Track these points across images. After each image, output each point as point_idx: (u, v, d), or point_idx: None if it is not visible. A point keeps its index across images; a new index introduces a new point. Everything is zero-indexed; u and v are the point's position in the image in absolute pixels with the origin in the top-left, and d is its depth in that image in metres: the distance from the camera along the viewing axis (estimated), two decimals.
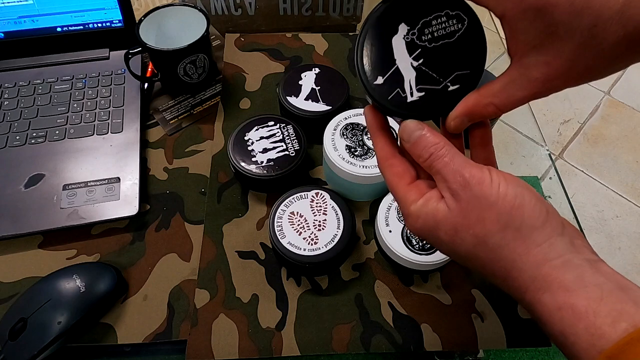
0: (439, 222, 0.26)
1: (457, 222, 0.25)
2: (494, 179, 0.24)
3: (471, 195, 0.24)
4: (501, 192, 0.24)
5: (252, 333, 0.41)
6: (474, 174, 0.25)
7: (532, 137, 0.60)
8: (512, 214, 0.24)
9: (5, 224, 0.45)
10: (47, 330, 0.38)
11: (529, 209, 0.24)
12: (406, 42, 0.28)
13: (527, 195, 0.24)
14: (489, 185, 0.24)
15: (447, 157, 0.26)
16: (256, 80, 0.60)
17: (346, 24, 0.70)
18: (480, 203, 0.24)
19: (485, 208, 0.24)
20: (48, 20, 0.57)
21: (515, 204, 0.24)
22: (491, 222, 0.24)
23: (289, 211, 0.44)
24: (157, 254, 0.46)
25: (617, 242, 1.26)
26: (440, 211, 0.26)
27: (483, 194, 0.24)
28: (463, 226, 0.25)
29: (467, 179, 0.24)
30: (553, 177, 0.57)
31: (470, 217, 0.24)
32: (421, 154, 0.27)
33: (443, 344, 0.41)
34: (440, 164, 0.26)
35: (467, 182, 0.24)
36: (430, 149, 0.26)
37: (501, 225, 0.24)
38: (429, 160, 0.26)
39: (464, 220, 0.25)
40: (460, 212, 0.25)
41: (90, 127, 0.53)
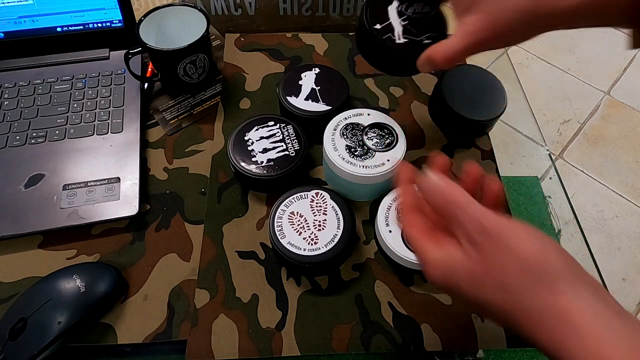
0: (458, 269, 0.26)
1: (477, 269, 0.25)
2: (512, 227, 0.24)
3: (490, 242, 0.24)
4: (522, 239, 0.24)
5: (252, 333, 0.41)
6: (492, 221, 0.25)
7: (532, 137, 0.60)
8: (536, 261, 0.23)
9: (5, 224, 0.45)
10: (47, 330, 0.38)
11: (554, 257, 0.24)
12: (397, 10, 0.43)
13: (549, 244, 0.24)
14: (509, 232, 0.24)
15: (464, 204, 0.26)
16: (256, 80, 0.60)
17: (346, 24, 0.70)
18: (500, 250, 0.24)
19: (506, 255, 0.24)
20: (48, 20, 0.57)
21: (539, 252, 0.24)
22: (514, 268, 0.24)
23: (289, 211, 0.44)
24: (157, 254, 0.46)
25: (617, 242, 1.26)
26: (458, 259, 0.26)
27: (503, 240, 0.24)
28: (484, 273, 0.25)
29: (486, 226, 0.25)
30: (553, 177, 0.57)
31: (491, 263, 0.24)
32: (437, 200, 0.28)
33: (443, 344, 0.41)
34: (456, 211, 0.26)
35: (485, 229, 0.25)
36: (447, 196, 0.27)
37: (525, 272, 0.23)
38: (445, 207, 0.27)
39: (485, 267, 0.25)
40: (480, 259, 0.25)
41: (90, 127, 0.53)
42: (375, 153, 0.45)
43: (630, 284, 1.18)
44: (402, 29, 0.42)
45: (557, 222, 0.53)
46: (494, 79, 0.54)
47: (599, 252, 1.25)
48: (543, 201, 0.54)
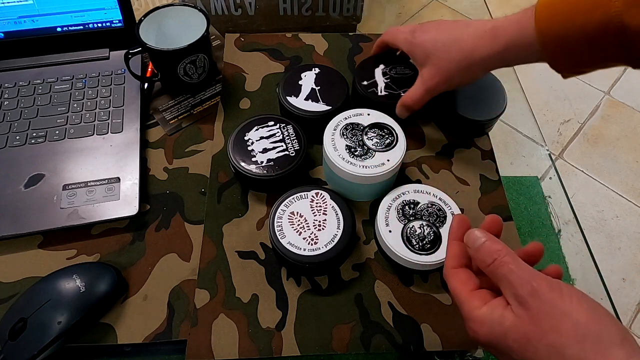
0: (507, 330, 0.26)
1: (529, 331, 0.25)
2: (564, 290, 0.25)
3: (541, 303, 0.24)
4: (574, 303, 0.24)
5: (252, 333, 0.41)
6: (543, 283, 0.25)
7: (532, 137, 0.61)
8: (589, 326, 0.23)
9: (5, 224, 0.45)
10: (47, 330, 0.38)
11: (607, 323, 0.24)
12: (382, 71, 0.55)
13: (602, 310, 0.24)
14: (560, 294, 0.24)
15: (513, 265, 0.26)
16: (256, 80, 0.60)
17: (346, 24, 0.70)
18: (552, 312, 0.24)
19: (559, 317, 0.24)
20: (48, 20, 0.57)
21: (595, 317, 0.24)
22: (567, 332, 0.24)
23: (289, 211, 0.44)
24: (157, 254, 0.46)
25: (617, 242, 1.26)
26: (507, 319, 0.26)
27: (555, 303, 0.24)
28: (536, 335, 0.24)
29: (536, 287, 0.25)
30: (553, 177, 0.57)
31: (543, 325, 0.24)
32: (484, 259, 0.28)
33: (443, 344, 0.41)
34: (505, 270, 0.26)
35: (536, 290, 0.25)
36: (494, 254, 0.28)
37: (579, 337, 0.23)
38: (493, 266, 0.27)
39: (537, 328, 0.24)
40: (531, 321, 0.25)
41: (90, 127, 0.53)
42: (375, 153, 0.45)
43: (630, 284, 1.18)
44: (384, 85, 0.54)
45: (557, 222, 0.53)
46: (494, 79, 0.54)
47: (599, 252, 1.25)
48: (543, 201, 0.54)
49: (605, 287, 0.47)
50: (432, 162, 0.53)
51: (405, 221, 0.43)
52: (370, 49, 0.64)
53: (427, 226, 0.43)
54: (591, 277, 0.48)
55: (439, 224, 0.43)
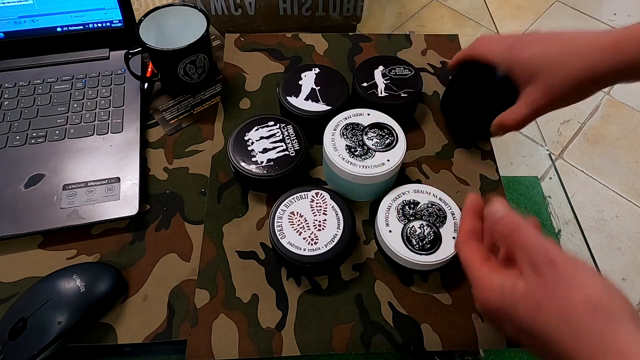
0: (519, 299, 0.26)
1: (541, 299, 0.25)
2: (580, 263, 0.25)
3: (556, 273, 0.25)
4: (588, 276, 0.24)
5: (252, 333, 0.41)
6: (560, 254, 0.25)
7: (532, 137, 0.61)
8: (602, 299, 0.24)
9: (5, 224, 0.45)
10: (47, 330, 0.38)
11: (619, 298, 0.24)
12: (381, 73, 0.56)
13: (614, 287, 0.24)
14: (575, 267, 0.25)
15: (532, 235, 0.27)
16: (256, 80, 0.60)
17: (346, 24, 0.70)
18: (567, 283, 0.24)
19: (572, 288, 0.24)
20: (48, 20, 0.57)
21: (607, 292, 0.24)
22: (579, 303, 0.24)
23: (289, 211, 0.44)
24: (157, 254, 0.46)
25: (617, 242, 1.26)
26: (519, 288, 0.26)
27: (570, 274, 0.24)
28: (548, 303, 0.25)
29: (553, 257, 0.25)
30: (553, 177, 0.57)
31: (556, 295, 0.24)
32: (504, 229, 0.29)
33: (443, 344, 0.41)
34: (523, 240, 0.27)
35: (553, 260, 0.25)
36: (513, 226, 0.28)
37: (591, 308, 0.24)
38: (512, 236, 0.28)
39: (549, 297, 0.25)
40: (544, 290, 0.25)
41: (90, 127, 0.53)
42: (375, 153, 0.45)
43: (630, 284, 1.18)
44: (384, 86, 0.54)
45: (557, 222, 0.53)
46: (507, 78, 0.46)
47: (599, 252, 1.25)
48: (543, 201, 0.54)
49: None
50: (432, 162, 0.53)
51: (405, 221, 0.43)
52: (370, 49, 0.64)
53: (427, 226, 0.43)
54: None
55: (439, 224, 0.43)
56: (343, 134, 0.47)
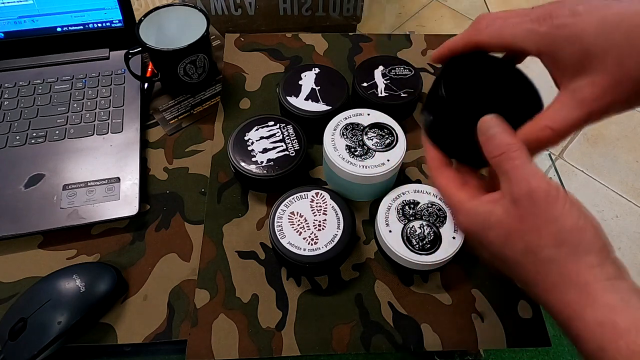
0: (493, 223, 0.26)
1: (513, 227, 0.25)
2: (560, 196, 0.25)
3: (532, 205, 0.25)
4: (566, 209, 0.24)
5: (252, 333, 0.41)
6: (541, 185, 0.25)
7: None
8: (572, 233, 0.24)
9: (5, 224, 0.45)
10: (47, 330, 0.38)
11: (590, 233, 0.24)
12: (381, 73, 0.55)
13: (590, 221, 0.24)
14: (555, 200, 0.24)
15: (518, 161, 0.26)
16: (256, 80, 0.60)
17: (346, 24, 0.70)
18: (541, 214, 0.24)
19: (546, 221, 0.24)
20: (48, 20, 0.57)
21: (579, 225, 0.24)
22: (547, 235, 0.24)
23: (289, 211, 0.44)
24: (157, 254, 0.46)
25: (617, 242, 1.26)
26: (495, 212, 0.26)
27: (547, 206, 0.24)
28: (518, 231, 0.25)
29: (534, 188, 0.25)
30: (553, 177, 0.57)
31: (528, 224, 0.25)
32: (493, 150, 0.27)
33: (443, 344, 0.41)
34: (509, 165, 0.26)
35: (532, 191, 0.25)
36: (503, 147, 0.26)
37: (557, 241, 0.24)
38: (499, 159, 0.27)
39: (521, 226, 0.25)
40: (518, 218, 0.25)
41: (90, 127, 0.53)
42: (375, 153, 0.45)
43: None
44: (384, 86, 0.54)
45: None
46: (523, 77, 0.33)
47: None
48: None
49: None
50: None
51: (405, 221, 0.43)
52: (370, 49, 0.64)
53: (427, 226, 0.43)
54: None
55: (439, 224, 0.43)
56: (343, 134, 0.47)
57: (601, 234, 0.25)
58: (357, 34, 0.67)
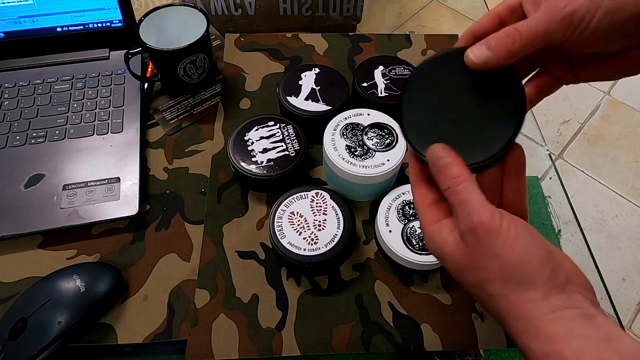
0: (447, 255, 0.27)
1: (462, 263, 0.26)
2: (502, 228, 0.25)
3: (476, 241, 0.25)
4: (508, 244, 0.24)
5: (252, 333, 0.41)
6: (482, 220, 0.25)
7: (532, 137, 0.60)
8: (514, 269, 0.24)
9: (5, 224, 0.45)
10: (47, 330, 0.38)
11: (533, 266, 0.24)
12: (381, 73, 0.55)
13: (533, 252, 0.25)
14: (497, 234, 0.25)
15: (463, 195, 0.26)
16: (256, 80, 0.60)
17: (346, 24, 0.70)
18: (484, 251, 0.25)
19: (489, 257, 0.25)
20: (48, 20, 0.57)
21: (520, 260, 0.24)
22: (493, 271, 0.25)
23: (289, 211, 0.44)
24: (157, 254, 0.46)
25: (617, 242, 1.26)
26: (448, 245, 0.27)
27: (489, 242, 0.25)
28: (467, 267, 0.26)
29: (476, 224, 0.25)
30: (553, 177, 0.57)
31: (474, 261, 0.25)
32: (441, 182, 0.28)
33: (443, 344, 0.41)
34: (455, 200, 0.26)
35: (474, 227, 0.25)
36: (450, 182, 0.27)
37: (503, 277, 0.25)
38: (447, 192, 0.27)
39: (469, 262, 0.26)
40: (465, 254, 0.26)
41: (90, 127, 0.53)
42: (375, 153, 0.45)
43: (630, 284, 1.18)
44: (384, 86, 0.53)
45: (557, 222, 0.52)
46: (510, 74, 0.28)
47: (599, 252, 1.25)
48: (543, 201, 0.54)
49: (605, 287, 0.47)
50: None
51: (405, 221, 0.43)
52: (370, 49, 0.64)
53: None
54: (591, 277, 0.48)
55: None
56: (343, 134, 0.47)
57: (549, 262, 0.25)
58: (357, 34, 0.67)
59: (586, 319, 0.23)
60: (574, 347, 0.22)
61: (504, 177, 0.31)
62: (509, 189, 0.31)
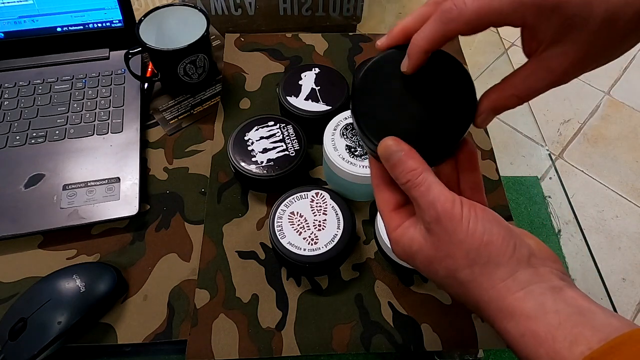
0: (415, 251, 0.27)
1: (430, 254, 0.26)
2: (464, 215, 0.25)
3: (442, 230, 0.25)
4: (470, 228, 0.25)
5: (252, 333, 0.41)
6: (446, 208, 0.25)
7: (532, 137, 0.61)
8: (479, 251, 0.25)
9: (5, 224, 0.45)
10: (47, 330, 0.38)
11: (496, 246, 0.25)
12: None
13: (495, 231, 0.25)
14: (459, 221, 0.25)
15: (424, 187, 0.26)
16: (256, 80, 0.60)
17: (346, 24, 0.70)
18: (450, 238, 0.25)
19: (455, 244, 0.25)
20: (48, 20, 0.57)
21: (483, 241, 0.25)
22: (460, 257, 0.25)
23: (289, 211, 0.44)
24: (157, 254, 0.46)
25: (617, 242, 1.26)
26: (415, 241, 0.27)
27: (453, 229, 0.25)
28: (435, 259, 0.26)
29: (440, 213, 0.25)
30: (553, 177, 0.57)
31: (442, 250, 0.26)
32: (399, 177, 0.28)
33: (443, 344, 0.41)
34: (416, 193, 0.27)
35: (439, 217, 0.25)
36: (408, 175, 0.27)
37: (469, 262, 0.25)
38: (406, 186, 0.27)
39: (436, 252, 0.26)
40: (432, 245, 0.26)
41: (90, 127, 0.53)
42: None
43: (630, 284, 1.18)
44: None
45: (557, 222, 0.53)
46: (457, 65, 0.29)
47: (599, 252, 1.25)
48: (543, 201, 0.54)
49: (605, 287, 0.47)
50: None
51: None
52: (370, 49, 0.64)
53: None
54: (591, 277, 0.48)
55: None
56: (343, 134, 0.47)
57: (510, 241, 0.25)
58: (357, 34, 0.67)
59: (555, 293, 0.24)
60: (548, 324, 0.23)
61: (460, 174, 0.31)
62: (467, 184, 0.31)
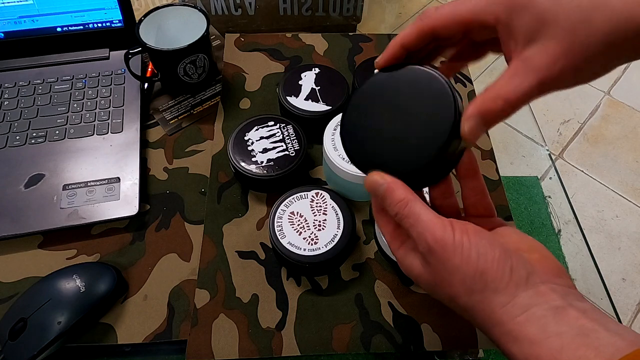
0: (417, 276, 0.28)
1: (430, 280, 0.27)
2: (456, 241, 0.25)
3: (436, 259, 0.26)
4: (464, 255, 0.25)
5: (252, 333, 0.41)
6: (436, 238, 0.25)
7: (532, 137, 0.61)
8: (475, 279, 0.25)
9: (5, 224, 0.45)
10: (47, 330, 0.38)
11: (492, 272, 0.25)
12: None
13: (489, 257, 0.25)
14: (452, 249, 0.25)
15: (412, 218, 0.26)
16: (256, 80, 0.60)
17: (346, 24, 0.70)
18: (444, 267, 0.25)
19: (450, 272, 0.25)
20: (48, 20, 0.57)
21: (479, 269, 0.25)
22: (458, 285, 0.25)
23: (289, 211, 0.44)
24: (157, 254, 0.46)
25: (617, 242, 1.26)
26: (415, 267, 0.28)
27: (447, 258, 0.25)
28: (436, 286, 0.27)
29: (430, 244, 0.26)
30: (553, 177, 0.57)
31: (439, 278, 0.26)
32: (388, 210, 0.28)
33: (443, 344, 0.41)
34: (405, 224, 0.27)
35: (430, 248, 0.26)
36: (395, 208, 0.27)
37: (467, 290, 0.25)
38: (397, 218, 0.28)
39: (435, 280, 0.27)
40: (430, 273, 0.27)
41: (90, 127, 0.53)
42: None
43: (630, 284, 1.18)
44: None
45: (557, 222, 0.53)
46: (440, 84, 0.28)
47: (599, 252, 1.25)
48: (543, 201, 0.54)
49: (605, 287, 0.47)
50: None
51: None
52: (370, 49, 0.64)
53: None
54: (591, 277, 0.48)
55: None
56: None
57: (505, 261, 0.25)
58: (357, 34, 0.67)
59: (557, 314, 0.23)
60: (550, 348, 0.22)
61: (460, 180, 0.31)
62: (469, 190, 0.31)
